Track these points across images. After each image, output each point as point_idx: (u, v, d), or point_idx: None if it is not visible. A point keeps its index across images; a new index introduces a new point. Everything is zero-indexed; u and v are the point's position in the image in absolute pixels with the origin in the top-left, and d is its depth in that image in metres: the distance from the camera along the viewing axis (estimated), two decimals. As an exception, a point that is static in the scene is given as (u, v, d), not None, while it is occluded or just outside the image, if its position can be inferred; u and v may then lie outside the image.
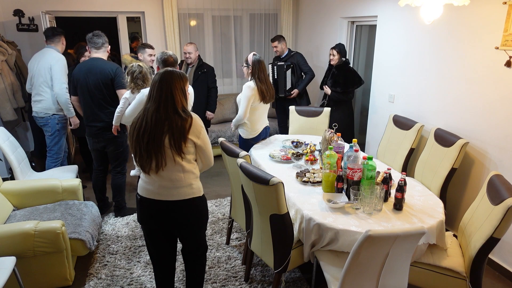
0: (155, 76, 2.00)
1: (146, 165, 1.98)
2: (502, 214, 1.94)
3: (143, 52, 4.10)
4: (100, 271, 2.88)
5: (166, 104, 1.93)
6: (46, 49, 3.91)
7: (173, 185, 2.01)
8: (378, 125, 4.37)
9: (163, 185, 2.01)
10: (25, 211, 3.00)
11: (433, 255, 2.30)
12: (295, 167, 3.03)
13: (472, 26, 3.01)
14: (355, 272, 1.84)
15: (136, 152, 1.98)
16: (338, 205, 2.33)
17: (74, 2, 5.16)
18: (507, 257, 2.88)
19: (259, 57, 3.41)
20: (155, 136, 1.92)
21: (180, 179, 2.01)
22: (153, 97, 1.95)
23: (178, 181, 2.01)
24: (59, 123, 3.93)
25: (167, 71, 1.98)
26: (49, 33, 3.93)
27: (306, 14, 5.92)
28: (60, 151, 3.99)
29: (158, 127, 1.92)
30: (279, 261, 2.33)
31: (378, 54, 4.25)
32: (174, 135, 1.92)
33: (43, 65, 3.80)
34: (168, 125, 1.92)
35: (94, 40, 3.42)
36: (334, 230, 2.13)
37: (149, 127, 1.92)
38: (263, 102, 3.43)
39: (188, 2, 5.66)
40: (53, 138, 3.94)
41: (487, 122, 2.96)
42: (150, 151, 1.94)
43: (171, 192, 2.01)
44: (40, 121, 3.93)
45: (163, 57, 3.12)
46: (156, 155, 1.94)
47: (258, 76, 3.35)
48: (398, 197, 2.30)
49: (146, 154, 1.95)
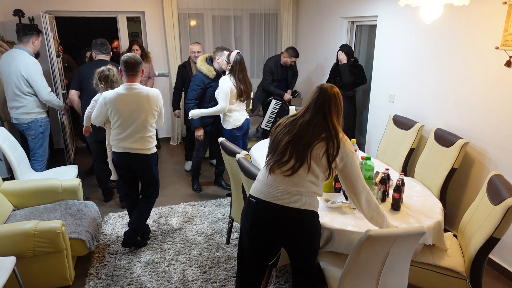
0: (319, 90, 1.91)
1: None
2: (502, 214, 1.94)
3: (221, 55, 3.81)
4: (100, 271, 2.88)
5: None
6: (14, 51, 3.71)
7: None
8: (378, 125, 4.37)
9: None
10: (25, 211, 3.00)
11: (433, 255, 2.29)
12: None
13: (472, 26, 3.01)
14: (355, 272, 1.84)
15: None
16: (335, 205, 2.34)
17: (74, 2, 5.16)
18: (507, 257, 2.88)
19: (240, 57, 3.59)
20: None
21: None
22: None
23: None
24: (42, 125, 3.88)
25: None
26: (19, 32, 3.74)
27: (306, 14, 5.92)
28: (44, 153, 3.95)
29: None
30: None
31: (378, 54, 4.24)
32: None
33: (14, 70, 3.62)
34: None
35: (99, 48, 3.79)
36: (330, 229, 2.14)
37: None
38: (239, 100, 3.66)
39: (188, 2, 5.66)
40: (37, 141, 3.88)
41: (487, 122, 2.96)
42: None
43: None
44: (22, 127, 3.83)
45: (125, 59, 2.85)
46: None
47: (237, 76, 3.56)
48: (396, 197, 2.30)
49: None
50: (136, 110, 2.81)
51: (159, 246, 3.21)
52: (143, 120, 2.85)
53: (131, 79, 2.82)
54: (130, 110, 2.80)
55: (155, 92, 2.91)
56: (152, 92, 2.88)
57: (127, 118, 2.82)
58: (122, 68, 2.81)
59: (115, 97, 2.79)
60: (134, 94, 2.80)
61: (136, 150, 2.90)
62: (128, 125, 2.84)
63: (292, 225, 1.88)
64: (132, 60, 2.78)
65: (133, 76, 2.81)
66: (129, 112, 2.80)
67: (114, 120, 2.85)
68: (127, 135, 2.85)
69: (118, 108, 2.80)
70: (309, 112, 1.90)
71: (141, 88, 2.84)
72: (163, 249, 3.16)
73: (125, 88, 2.81)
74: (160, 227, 3.52)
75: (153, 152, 3.02)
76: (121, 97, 2.79)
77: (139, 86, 2.84)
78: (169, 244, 3.24)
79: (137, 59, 2.82)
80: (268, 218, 1.90)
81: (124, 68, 2.79)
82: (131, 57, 2.79)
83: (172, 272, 2.87)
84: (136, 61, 2.80)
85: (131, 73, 2.80)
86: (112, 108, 2.81)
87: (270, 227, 1.91)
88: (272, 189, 1.88)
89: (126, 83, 2.83)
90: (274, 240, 1.98)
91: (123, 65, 2.79)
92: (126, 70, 2.79)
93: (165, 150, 5.81)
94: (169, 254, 3.09)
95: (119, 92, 2.81)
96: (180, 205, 3.96)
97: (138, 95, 2.81)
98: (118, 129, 2.86)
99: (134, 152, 2.90)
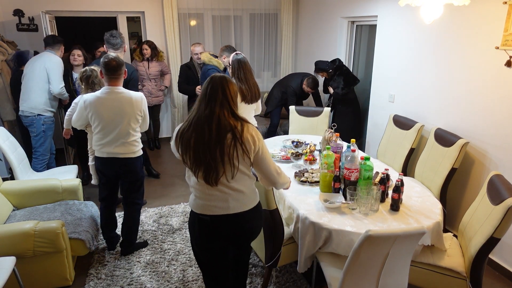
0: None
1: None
2: (502, 214, 1.94)
3: (228, 55, 3.75)
4: (100, 271, 2.88)
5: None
6: (45, 53, 3.97)
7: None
8: (378, 125, 4.37)
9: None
10: (25, 211, 3.00)
11: (433, 255, 2.29)
12: (294, 166, 3.03)
13: (472, 26, 3.01)
14: (355, 272, 1.84)
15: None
16: (334, 205, 2.33)
17: (74, 2, 5.16)
18: (507, 257, 2.88)
19: (241, 57, 3.38)
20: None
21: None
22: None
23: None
24: (44, 124, 3.91)
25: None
26: (49, 41, 4.01)
27: (306, 14, 5.92)
28: (45, 152, 3.97)
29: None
30: (270, 256, 2.39)
31: (378, 54, 4.24)
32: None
33: (38, 65, 3.85)
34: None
35: (111, 41, 3.48)
36: (328, 230, 2.13)
37: None
38: (244, 102, 3.39)
39: (188, 2, 5.66)
40: (38, 139, 3.91)
41: (487, 122, 2.96)
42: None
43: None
44: (25, 121, 3.92)
45: (105, 60, 2.71)
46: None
47: (237, 76, 3.34)
48: (395, 197, 2.29)
49: None
50: (118, 115, 2.67)
51: (159, 246, 3.21)
52: (126, 126, 2.71)
53: (112, 82, 2.67)
54: (112, 115, 2.66)
55: (139, 96, 2.76)
56: (136, 96, 2.73)
57: (108, 123, 2.68)
58: (103, 71, 2.65)
59: (95, 101, 2.66)
60: (115, 98, 2.66)
61: (121, 154, 2.77)
62: (110, 130, 2.70)
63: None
64: (113, 63, 2.61)
65: (114, 79, 2.66)
66: (110, 117, 2.66)
67: (94, 124, 2.72)
68: (110, 140, 2.72)
69: (98, 113, 2.66)
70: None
71: (124, 92, 2.69)
72: (163, 249, 3.16)
73: (106, 92, 2.66)
74: (160, 227, 3.52)
75: (138, 155, 2.88)
76: (101, 101, 2.65)
77: (122, 90, 2.70)
78: (169, 244, 3.24)
79: (119, 61, 2.66)
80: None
81: (104, 71, 2.64)
82: (112, 59, 2.62)
83: (172, 272, 2.86)
84: (118, 64, 2.64)
85: (112, 76, 2.65)
86: (93, 113, 2.68)
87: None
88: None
89: (107, 86, 2.68)
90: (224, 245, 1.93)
91: (103, 67, 2.63)
92: (107, 73, 2.64)
93: (165, 150, 5.81)
94: (169, 254, 3.09)
95: (99, 95, 2.67)
96: (180, 205, 3.96)
97: (120, 100, 2.67)
98: (100, 134, 2.73)
99: (118, 156, 2.77)
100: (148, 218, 3.67)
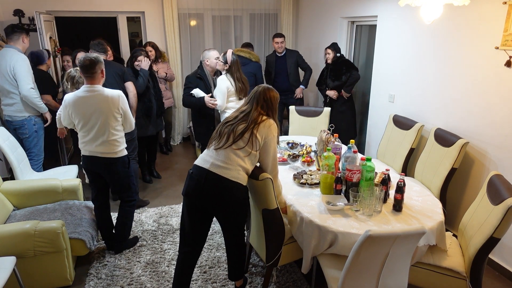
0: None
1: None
2: (502, 214, 1.94)
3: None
4: (100, 271, 2.88)
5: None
6: (5, 50, 3.72)
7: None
8: (378, 125, 4.38)
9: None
10: (25, 211, 3.00)
11: (433, 255, 2.29)
12: (292, 168, 3.03)
13: (472, 26, 3.01)
14: (355, 272, 1.84)
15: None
16: (337, 207, 2.31)
17: (74, 2, 5.16)
18: (507, 257, 2.88)
19: (237, 56, 3.69)
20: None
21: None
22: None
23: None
24: (36, 124, 3.86)
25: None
26: (8, 30, 3.76)
27: (306, 14, 5.92)
28: (40, 152, 3.93)
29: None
30: (271, 256, 2.39)
31: (378, 54, 4.24)
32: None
33: (5, 68, 3.64)
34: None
35: (95, 47, 3.63)
36: (334, 232, 2.11)
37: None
38: (237, 98, 3.73)
39: (188, 2, 5.66)
40: (31, 140, 3.86)
41: (487, 122, 2.96)
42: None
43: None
44: (14, 125, 3.81)
45: (80, 59, 2.74)
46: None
47: (235, 75, 3.64)
48: (398, 198, 2.29)
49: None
50: (95, 112, 2.72)
51: (159, 246, 3.21)
52: (103, 123, 2.74)
53: (89, 81, 2.72)
54: (89, 113, 2.72)
55: (115, 93, 2.78)
56: (112, 94, 2.76)
57: (87, 121, 2.75)
58: (79, 70, 2.72)
59: (73, 100, 2.73)
60: (91, 96, 2.71)
61: (102, 154, 2.81)
62: (89, 128, 2.76)
63: (220, 193, 2.20)
64: (87, 62, 2.65)
65: (90, 78, 2.71)
66: (88, 115, 2.73)
67: (76, 122, 2.80)
68: (91, 138, 2.78)
69: (77, 111, 2.74)
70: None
71: (101, 90, 2.74)
72: (163, 249, 3.16)
73: (83, 90, 2.73)
74: (160, 227, 3.52)
75: (121, 155, 2.88)
76: (79, 100, 2.72)
77: (99, 88, 2.74)
78: (169, 244, 3.24)
79: (93, 60, 2.67)
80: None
81: (80, 70, 2.70)
82: (86, 58, 2.66)
83: (172, 272, 2.86)
84: (92, 62, 2.66)
85: (87, 74, 2.70)
86: (72, 111, 2.75)
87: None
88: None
89: (85, 85, 2.74)
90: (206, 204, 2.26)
91: (79, 66, 2.70)
92: (82, 72, 2.71)
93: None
94: (169, 254, 3.09)
95: (77, 94, 2.74)
96: (180, 205, 3.96)
97: (96, 98, 2.71)
98: (81, 132, 2.81)
99: (99, 155, 2.81)
100: (148, 218, 3.67)
